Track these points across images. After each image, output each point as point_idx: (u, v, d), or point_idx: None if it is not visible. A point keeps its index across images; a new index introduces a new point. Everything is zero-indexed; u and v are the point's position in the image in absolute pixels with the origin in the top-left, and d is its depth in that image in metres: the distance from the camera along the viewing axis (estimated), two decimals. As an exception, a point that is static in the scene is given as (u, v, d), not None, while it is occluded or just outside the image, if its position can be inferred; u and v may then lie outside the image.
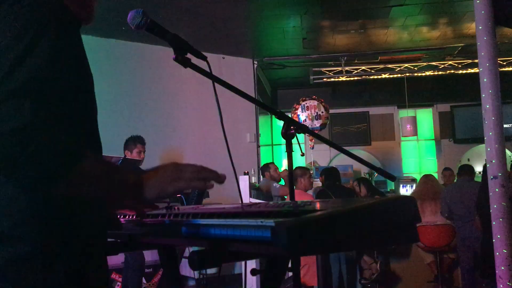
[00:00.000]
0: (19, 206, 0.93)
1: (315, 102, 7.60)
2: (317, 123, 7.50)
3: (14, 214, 0.92)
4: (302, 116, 7.54)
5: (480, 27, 3.65)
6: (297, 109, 7.69)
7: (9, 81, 0.87)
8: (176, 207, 1.44)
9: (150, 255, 5.68)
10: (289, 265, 1.44)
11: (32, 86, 0.88)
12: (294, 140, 1.60)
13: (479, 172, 9.20)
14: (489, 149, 3.49)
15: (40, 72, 0.90)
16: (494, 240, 3.29)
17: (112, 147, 4.59)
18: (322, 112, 7.55)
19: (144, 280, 5.77)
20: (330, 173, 5.43)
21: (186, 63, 1.31)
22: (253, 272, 1.25)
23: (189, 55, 1.34)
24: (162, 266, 1.64)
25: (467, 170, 5.25)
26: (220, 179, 1.05)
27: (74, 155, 0.92)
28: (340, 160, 9.29)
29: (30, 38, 0.91)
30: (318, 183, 7.08)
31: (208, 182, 1.04)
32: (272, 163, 6.49)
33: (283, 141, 1.58)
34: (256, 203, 1.28)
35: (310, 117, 7.52)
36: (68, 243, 0.96)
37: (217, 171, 1.07)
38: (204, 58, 1.35)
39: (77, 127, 1.00)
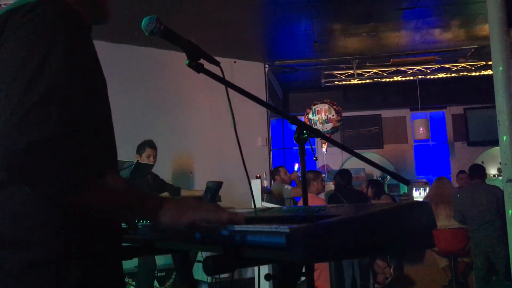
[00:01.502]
0: (33, 211, 0.93)
1: (326, 106, 7.59)
2: (327, 127, 7.48)
3: (28, 220, 0.93)
4: (312, 120, 7.53)
5: (494, 29, 3.62)
6: (308, 113, 7.69)
7: (31, 93, 0.88)
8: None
9: (163, 259, 5.70)
10: (302, 270, 1.44)
11: (54, 95, 0.89)
12: (306, 144, 1.60)
13: (494, 175, 9.12)
14: (503, 152, 3.46)
15: (60, 80, 0.91)
16: (509, 244, 3.25)
17: (125, 151, 4.62)
18: (333, 116, 7.52)
19: (157, 284, 5.79)
20: (342, 175, 5.43)
21: (199, 69, 1.32)
22: (267, 277, 1.24)
23: (202, 61, 1.35)
24: (176, 271, 1.65)
25: (478, 171, 5.12)
26: (238, 220, 1.00)
27: (96, 169, 0.92)
28: (353, 164, 9.24)
29: (45, 48, 0.92)
30: (330, 186, 7.05)
31: (223, 219, 1.00)
32: (282, 166, 6.48)
33: (295, 144, 1.58)
34: (270, 208, 1.28)
35: (321, 121, 7.51)
36: (82, 249, 0.96)
37: (236, 213, 1.03)
38: (217, 64, 1.36)
39: (97, 135, 1.01)
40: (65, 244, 0.94)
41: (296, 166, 9.27)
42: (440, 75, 8.27)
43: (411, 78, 8.40)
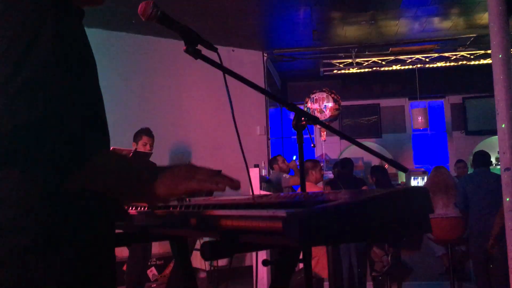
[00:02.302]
0: (21, 197, 0.92)
1: (324, 94, 7.57)
2: (325, 116, 7.48)
3: (16, 205, 0.92)
4: (311, 109, 7.52)
5: (493, 17, 3.60)
6: (307, 102, 7.68)
7: (18, 75, 0.87)
8: (187, 199, 1.44)
9: (159, 247, 5.72)
10: (300, 257, 1.44)
11: (42, 78, 0.88)
12: (304, 132, 1.60)
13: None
14: (502, 141, 3.46)
15: (47, 63, 0.90)
16: (506, 233, 3.27)
17: (122, 140, 4.61)
18: (331, 104, 7.52)
19: (155, 272, 5.82)
20: (343, 165, 5.46)
21: (197, 55, 1.31)
22: (265, 262, 1.25)
23: (199, 47, 1.34)
24: (174, 258, 1.65)
25: (483, 158, 5.06)
26: (235, 185, 1.00)
27: (88, 149, 0.92)
28: (351, 153, 9.25)
29: (32, 31, 0.91)
30: (329, 175, 7.05)
31: (221, 185, 1.00)
32: (280, 155, 6.48)
33: (293, 133, 1.58)
34: (267, 195, 1.28)
35: (318, 110, 7.51)
36: (70, 236, 0.96)
37: (232, 177, 1.02)
38: (215, 50, 1.35)
39: (88, 118, 1.00)
40: (53, 231, 0.93)
41: (295, 156, 9.28)
42: (439, 64, 8.25)
43: (410, 67, 8.38)
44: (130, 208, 1.40)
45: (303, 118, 1.54)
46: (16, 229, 0.91)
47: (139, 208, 1.38)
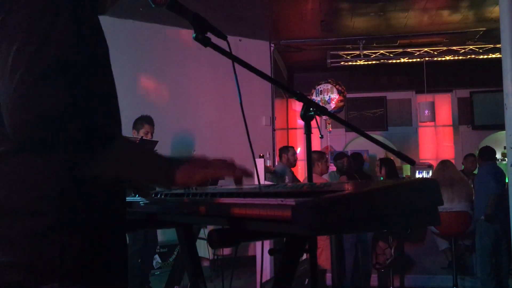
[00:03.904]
0: (40, 181, 0.93)
1: (329, 86, 7.55)
2: (329, 107, 7.45)
3: (34, 189, 0.93)
4: (315, 100, 7.49)
5: (504, 11, 3.56)
6: (312, 93, 7.65)
7: (39, 61, 0.87)
8: (194, 187, 1.44)
9: (162, 236, 5.74)
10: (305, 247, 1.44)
11: (61, 64, 0.88)
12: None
13: (497, 159, 9.13)
14: (509, 135, 3.44)
15: (66, 49, 0.90)
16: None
17: (127, 128, 4.61)
18: (336, 96, 7.49)
19: (159, 260, 5.86)
20: (355, 157, 5.49)
21: (206, 42, 1.30)
22: (271, 251, 1.25)
23: (208, 35, 1.33)
24: (180, 245, 1.66)
25: (492, 154, 5.14)
26: (248, 172, 1.04)
27: (108, 136, 0.92)
28: (356, 145, 9.23)
29: (51, 17, 0.91)
30: (333, 167, 7.04)
31: (238, 172, 1.03)
32: (292, 146, 6.44)
33: (299, 125, 1.57)
34: (274, 184, 1.28)
35: (323, 101, 7.48)
36: (86, 220, 0.97)
37: (245, 166, 1.06)
38: (224, 38, 1.35)
39: (106, 105, 1.01)
40: (69, 214, 0.95)
41: (298, 150, 9.25)
42: (447, 58, 8.18)
43: (418, 60, 8.32)
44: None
45: (311, 109, 1.53)
46: (33, 213, 0.92)
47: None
